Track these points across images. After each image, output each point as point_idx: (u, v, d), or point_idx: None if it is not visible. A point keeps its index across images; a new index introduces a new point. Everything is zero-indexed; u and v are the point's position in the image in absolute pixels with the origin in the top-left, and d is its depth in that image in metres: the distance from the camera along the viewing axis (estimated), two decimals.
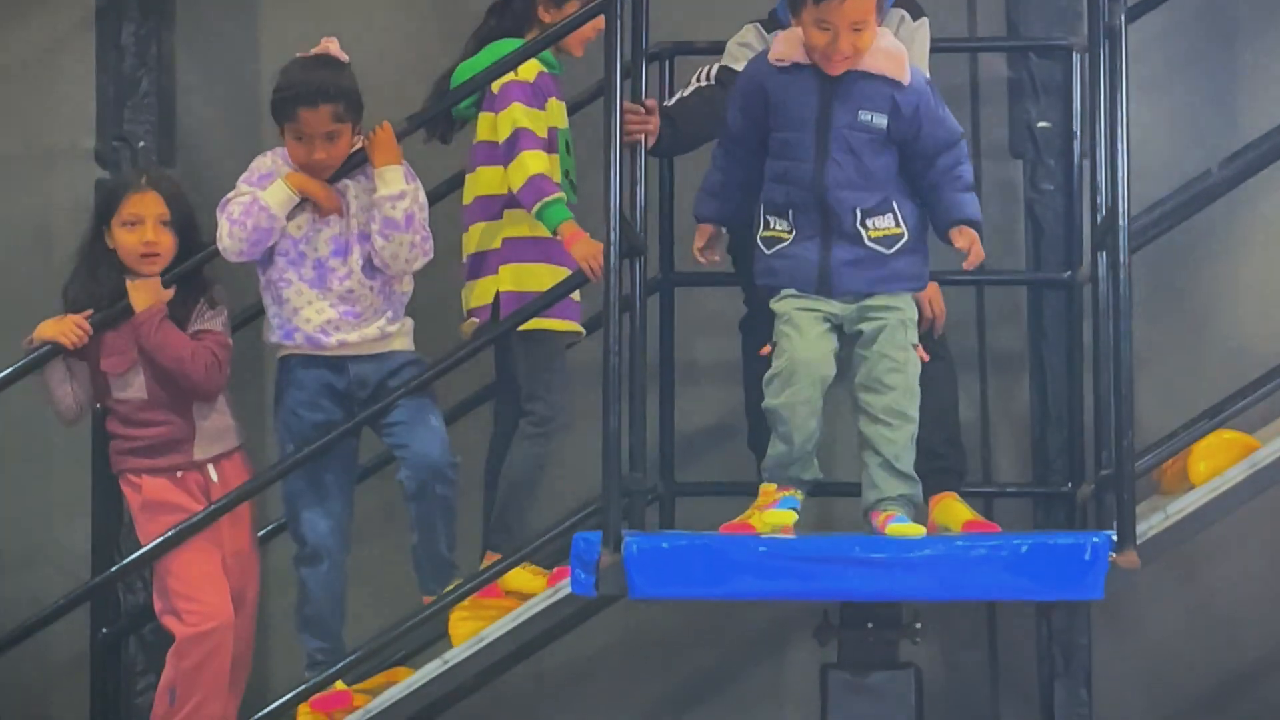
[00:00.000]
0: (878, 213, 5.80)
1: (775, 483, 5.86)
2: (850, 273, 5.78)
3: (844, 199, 5.76)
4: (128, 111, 7.42)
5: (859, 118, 5.76)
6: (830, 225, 5.75)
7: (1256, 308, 7.28)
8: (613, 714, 7.73)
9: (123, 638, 7.21)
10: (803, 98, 5.75)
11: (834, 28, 5.59)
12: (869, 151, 5.81)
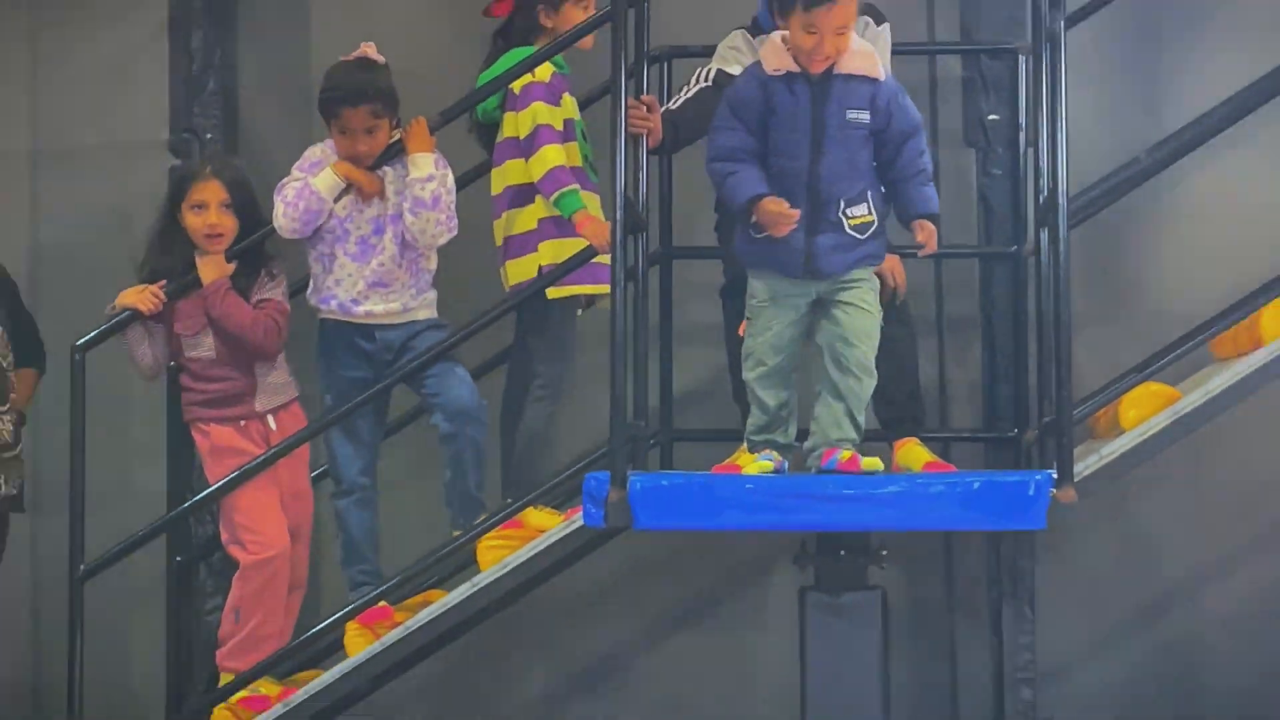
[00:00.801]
0: (857, 202, 5.81)
1: (754, 451, 5.92)
2: (832, 256, 5.79)
3: (834, 190, 5.76)
4: (196, 108, 7.44)
5: (847, 116, 5.78)
6: (816, 214, 5.72)
7: (1178, 277, 7.30)
8: (618, 631, 7.75)
9: (194, 565, 7.32)
10: (796, 102, 5.75)
11: (820, 31, 5.61)
12: (856, 145, 5.83)
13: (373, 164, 6.55)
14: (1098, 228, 7.06)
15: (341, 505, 6.69)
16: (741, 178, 5.74)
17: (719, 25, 6.65)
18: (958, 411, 7.55)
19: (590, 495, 5.95)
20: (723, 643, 7.75)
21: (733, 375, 6.61)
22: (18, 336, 6.76)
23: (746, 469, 6.08)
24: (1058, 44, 6.07)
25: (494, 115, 6.73)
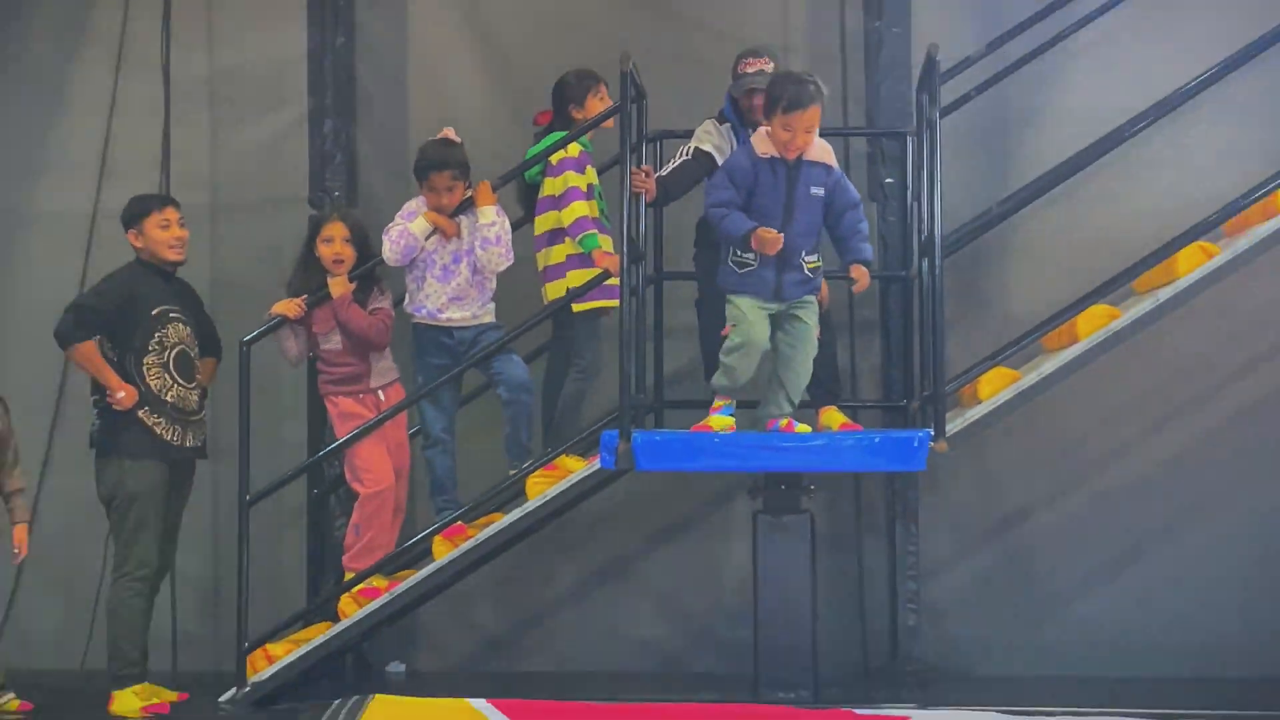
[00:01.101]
0: (812, 251, 6.03)
1: (720, 395, 6.05)
2: (793, 288, 5.96)
3: (798, 244, 5.92)
4: (327, 173, 7.41)
5: (810, 191, 5.93)
6: (784, 260, 5.88)
7: (1019, 292, 7.19)
8: (625, 543, 7.62)
9: (326, 496, 7.32)
10: (776, 179, 5.86)
11: (794, 130, 5.77)
12: (814, 212, 5.97)
13: (452, 213, 6.53)
14: (962, 257, 7.01)
15: (430, 454, 6.70)
16: (736, 218, 5.86)
17: (695, 116, 6.66)
18: (864, 387, 7.42)
19: (605, 446, 6.09)
20: (699, 550, 7.61)
21: (705, 362, 6.64)
22: (202, 335, 6.65)
23: (714, 427, 6.15)
24: (934, 129, 6.18)
25: (537, 179, 6.72)
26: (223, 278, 7.50)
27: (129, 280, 6.47)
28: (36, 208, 7.86)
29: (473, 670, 7.44)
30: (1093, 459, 7.46)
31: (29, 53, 7.94)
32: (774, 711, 6.08)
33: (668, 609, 7.71)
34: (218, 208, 7.71)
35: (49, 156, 7.90)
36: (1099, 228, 7.15)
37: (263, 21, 7.80)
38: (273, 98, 7.76)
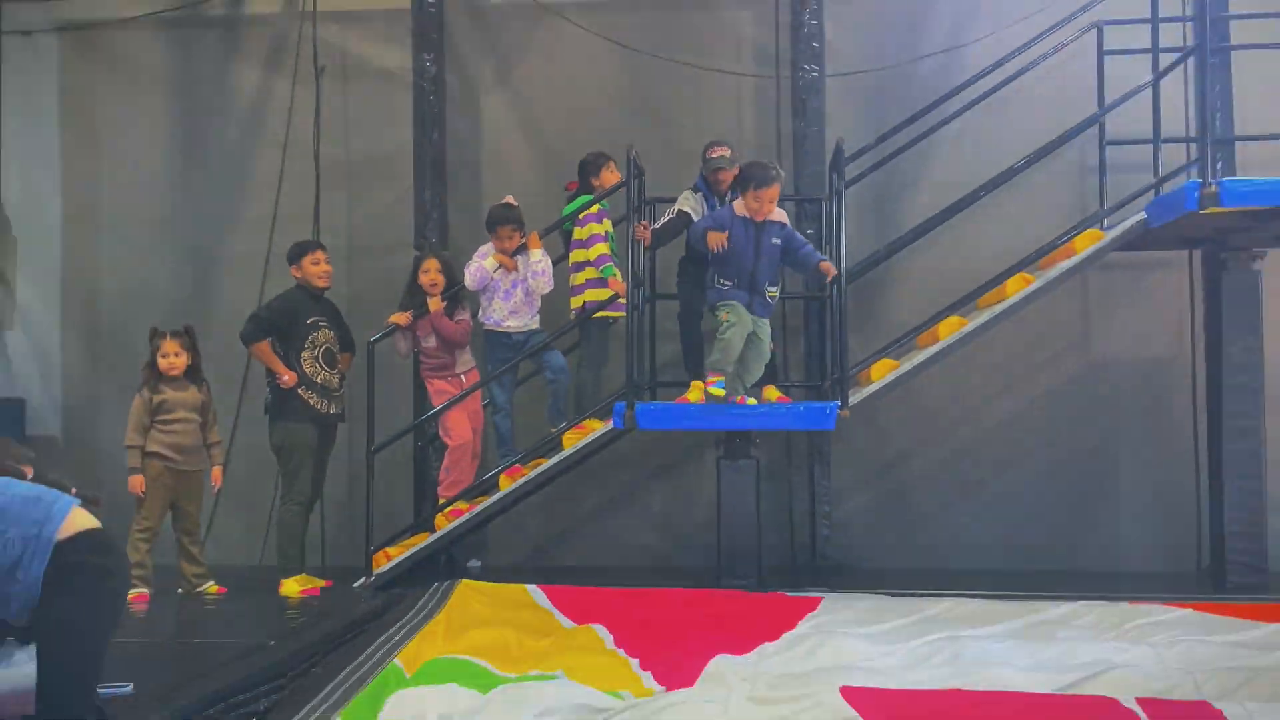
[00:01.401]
0: (772, 284, 6.11)
1: (716, 372, 6.01)
2: (760, 309, 6.07)
3: (761, 280, 6.04)
4: (427, 227, 7.42)
5: (772, 241, 6.02)
6: (754, 289, 6.02)
7: (900, 308, 7.13)
8: (631, 480, 7.57)
9: (427, 447, 7.28)
10: (747, 234, 5.97)
11: (761, 200, 5.91)
12: (774, 256, 6.06)
13: (511, 254, 6.55)
14: (860, 284, 6.95)
15: (496, 419, 6.71)
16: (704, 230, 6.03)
17: (677, 187, 6.62)
18: (793, 372, 7.31)
19: (616, 412, 6.17)
20: (680, 484, 7.58)
21: (684, 356, 6.65)
22: (341, 337, 6.65)
23: (695, 395, 6.22)
24: (840, 196, 6.22)
25: (569, 228, 6.76)
26: (355, 298, 7.44)
27: (291, 300, 6.53)
28: (229, 250, 7.88)
29: (526, 565, 7.37)
30: (949, 420, 7.45)
31: (224, 141, 7.96)
32: (731, 593, 6.07)
33: (659, 524, 7.64)
34: (352, 250, 7.69)
35: (236, 214, 7.89)
36: (954, 263, 7.04)
37: (383, 121, 7.75)
38: (389, 174, 7.72)
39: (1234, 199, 5.54)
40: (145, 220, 7.99)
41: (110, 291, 8.01)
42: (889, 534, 7.42)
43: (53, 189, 8.05)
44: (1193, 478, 7.00)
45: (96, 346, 8.00)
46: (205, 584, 6.33)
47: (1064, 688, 4.42)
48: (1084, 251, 6.17)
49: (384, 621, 5.62)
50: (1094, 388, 7.36)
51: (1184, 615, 5.49)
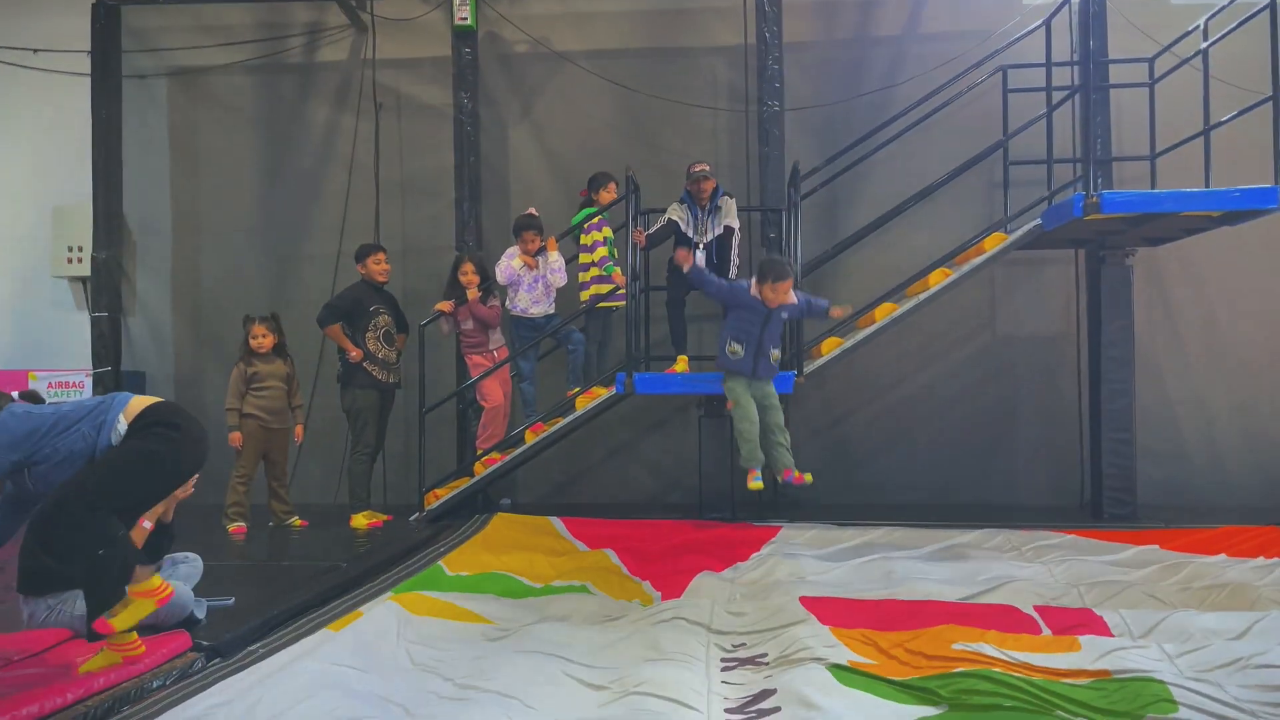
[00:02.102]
0: (776, 348, 5.82)
1: (749, 468, 5.74)
2: (764, 370, 5.79)
3: (767, 345, 5.75)
4: (465, 233, 7.36)
5: (781, 316, 5.76)
6: (760, 353, 5.72)
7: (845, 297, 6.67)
8: (630, 432, 7.48)
9: (467, 409, 7.20)
10: (759, 309, 5.66)
11: (777, 292, 5.58)
12: (779, 326, 5.80)
13: (534, 254, 6.53)
14: (813, 277, 6.90)
15: (523, 385, 6.72)
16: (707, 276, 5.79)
17: (666, 199, 6.57)
18: None
19: (618, 381, 6.14)
20: (670, 437, 7.49)
21: (672, 337, 6.48)
22: (398, 321, 6.57)
23: (678, 369, 6.22)
24: (797, 207, 6.22)
25: (577, 234, 6.71)
26: (409, 290, 7.39)
27: (357, 291, 6.50)
28: (305, 252, 7.82)
29: (547, 502, 7.33)
30: (882, 386, 7.42)
31: (301, 164, 7.88)
32: (710, 524, 6.11)
33: (653, 469, 7.59)
34: (406, 251, 7.60)
35: (311, 223, 7.85)
36: (887, 260, 7.00)
37: (429, 148, 7.67)
38: (436, 191, 7.65)
39: (1112, 207, 5.54)
40: (238, 228, 7.95)
41: (210, 285, 7.98)
42: (836, 475, 7.34)
43: (163, 203, 8.00)
44: (1076, 430, 7.03)
45: (200, 329, 7.97)
46: (291, 519, 6.32)
47: (974, 596, 4.46)
48: (991, 250, 6.17)
49: (430, 541, 5.70)
50: (999, 359, 7.36)
51: (1070, 540, 5.54)
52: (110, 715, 3.10)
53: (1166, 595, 4.42)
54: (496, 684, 3.31)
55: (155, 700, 3.21)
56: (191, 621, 3.84)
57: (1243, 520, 5.82)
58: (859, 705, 3.09)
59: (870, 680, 3.30)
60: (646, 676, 3.30)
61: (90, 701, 3.10)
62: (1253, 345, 7.13)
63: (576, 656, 3.59)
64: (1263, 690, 3.12)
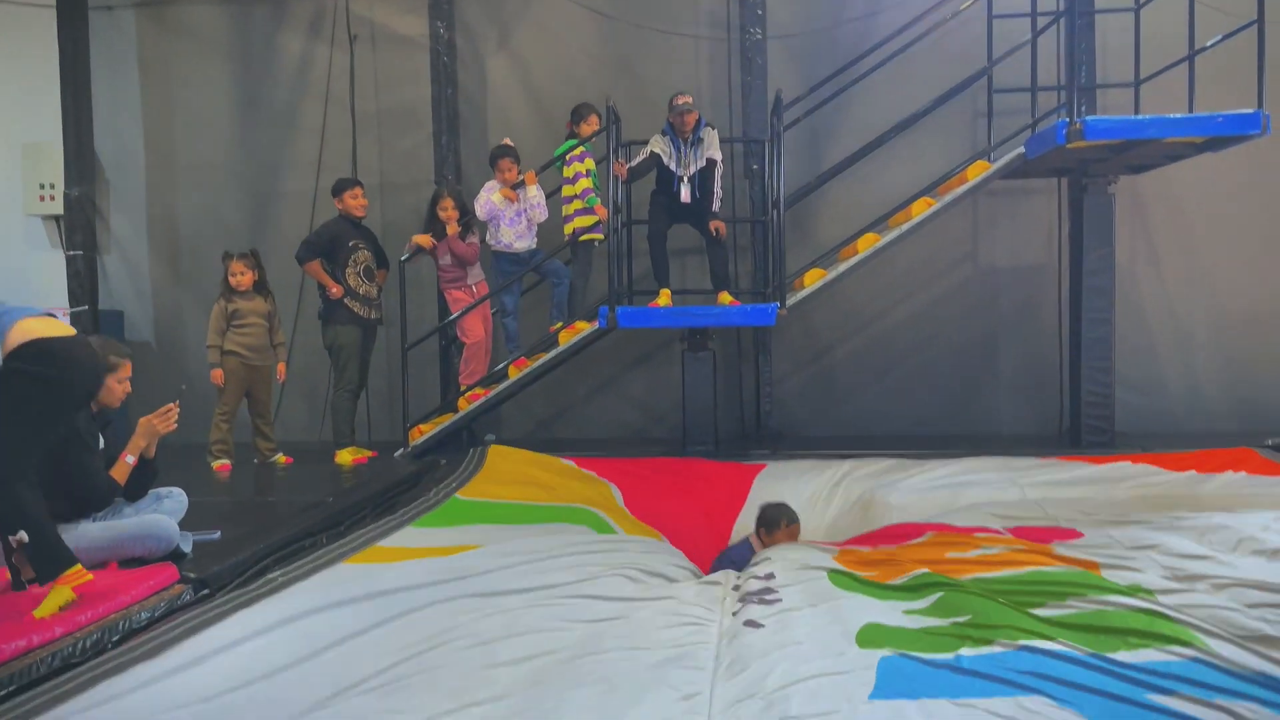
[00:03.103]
0: None
1: None
2: None
3: None
4: (445, 166, 7.33)
5: None
6: None
7: (827, 228, 7.02)
8: (613, 367, 7.47)
9: (449, 346, 7.22)
10: None
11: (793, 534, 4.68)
12: None
13: (513, 187, 6.48)
14: (795, 209, 6.94)
15: (505, 320, 6.67)
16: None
17: (648, 131, 6.49)
18: (743, 281, 7.26)
19: (601, 314, 6.12)
20: (653, 371, 7.50)
21: (654, 271, 6.43)
22: (378, 257, 6.52)
23: (661, 303, 6.20)
24: (779, 137, 6.12)
25: (560, 166, 6.64)
26: (388, 224, 7.37)
27: (335, 227, 6.45)
28: (282, 187, 7.73)
29: (532, 438, 7.34)
30: (865, 319, 7.42)
31: (275, 97, 7.76)
32: (700, 461, 6.13)
33: (637, 403, 7.61)
34: (384, 186, 7.56)
35: (287, 158, 7.75)
36: (870, 191, 6.97)
37: (405, 80, 7.56)
38: (413, 124, 7.58)
39: (1095, 134, 5.52)
40: (213, 164, 7.84)
41: (187, 222, 7.90)
42: (818, 408, 7.46)
43: (136, 139, 7.88)
44: (1057, 359, 7.07)
45: (178, 267, 7.91)
46: (275, 456, 6.34)
47: (953, 518, 4.55)
48: (974, 179, 6.14)
49: (438, 475, 5.73)
50: (980, 289, 7.37)
51: (1050, 465, 5.62)
52: (100, 648, 3.12)
53: (1138, 511, 4.52)
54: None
55: (151, 638, 3.23)
56: (178, 555, 3.87)
57: (1219, 446, 5.90)
58: (856, 599, 3.19)
59: (868, 585, 3.40)
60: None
61: (79, 634, 3.12)
62: (1232, 274, 7.17)
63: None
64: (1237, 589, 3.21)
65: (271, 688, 2.65)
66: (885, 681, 2.48)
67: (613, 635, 2.88)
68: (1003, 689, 2.43)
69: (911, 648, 2.73)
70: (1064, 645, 2.69)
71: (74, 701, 2.62)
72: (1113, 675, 2.49)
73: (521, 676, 2.63)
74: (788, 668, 2.59)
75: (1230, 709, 2.32)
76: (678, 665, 2.65)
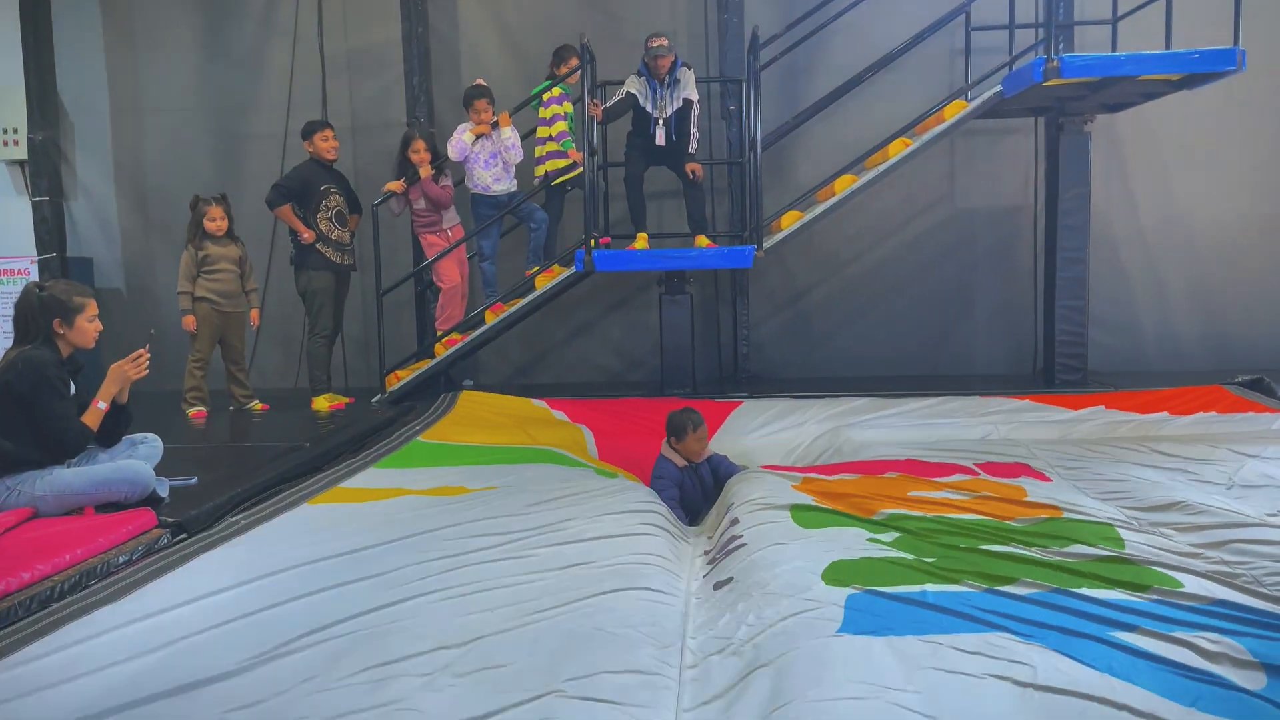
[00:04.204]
0: None
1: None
2: None
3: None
4: (415, 109, 7.19)
5: (708, 474, 4.69)
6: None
7: (804, 169, 7.07)
8: (591, 311, 7.47)
9: (425, 291, 7.13)
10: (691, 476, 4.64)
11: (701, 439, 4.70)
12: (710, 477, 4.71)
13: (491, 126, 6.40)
14: (772, 150, 6.92)
15: (483, 265, 6.61)
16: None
17: (623, 72, 6.39)
18: (720, 223, 7.14)
19: (578, 258, 6.09)
20: (631, 315, 7.50)
21: (631, 214, 6.39)
22: (350, 201, 6.44)
23: (638, 246, 6.17)
24: (755, 76, 6.04)
25: (535, 106, 6.57)
26: (359, 168, 7.31)
27: (305, 170, 6.36)
28: (251, 130, 7.61)
29: (510, 383, 7.41)
30: (842, 261, 7.42)
31: (242, 37, 7.60)
32: (673, 400, 6.04)
33: (615, 347, 7.61)
34: (355, 129, 7.48)
35: (257, 101, 7.60)
36: (847, 132, 6.94)
37: (375, 18, 7.42)
38: (383, 64, 7.45)
39: (1072, 71, 5.51)
40: (179, 107, 7.69)
41: (154, 166, 7.76)
42: (795, 351, 7.49)
43: (99, 82, 7.71)
44: (1031, 299, 7.13)
45: (146, 213, 7.79)
46: (251, 403, 6.32)
47: (923, 455, 4.60)
48: (951, 118, 6.12)
49: (404, 420, 5.75)
50: (957, 230, 7.38)
51: (1021, 405, 5.69)
52: (78, 589, 3.15)
53: (1108, 450, 4.59)
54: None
55: (126, 575, 3.26)
56: (154, 500, 3.88)
57: (1190, 384, 6.00)
58: (819, 536, 3.22)
59: (829, 515, 3.45)
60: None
61: (58, 577, 3.14)
62: (1205, 214, 7.21)
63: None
64: (1197, 531, 3.29)
65: (237, 631, 2.66)
66: (853, 618, 2.53)
67: (582, 587, 2.88)
68: (969, 625, 2.48)
69: (877, 583, 2.78)
70: (1028, 586, 2.74)
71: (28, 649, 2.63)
72: (1076, 614, 2.55)
73: (491, 626, 2.62)
74: (756, 615, 2.62)
75: (1190, 641, 2.38)
76: (648, 618, 2.66)
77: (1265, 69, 6.68)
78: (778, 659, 2.33)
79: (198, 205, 6.12)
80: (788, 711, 2.08)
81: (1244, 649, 2.32)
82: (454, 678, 2.32)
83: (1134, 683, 2.18)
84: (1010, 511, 3.50)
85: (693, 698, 2.30)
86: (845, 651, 2.33)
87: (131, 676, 2.41)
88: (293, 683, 2.35)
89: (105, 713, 2.24)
